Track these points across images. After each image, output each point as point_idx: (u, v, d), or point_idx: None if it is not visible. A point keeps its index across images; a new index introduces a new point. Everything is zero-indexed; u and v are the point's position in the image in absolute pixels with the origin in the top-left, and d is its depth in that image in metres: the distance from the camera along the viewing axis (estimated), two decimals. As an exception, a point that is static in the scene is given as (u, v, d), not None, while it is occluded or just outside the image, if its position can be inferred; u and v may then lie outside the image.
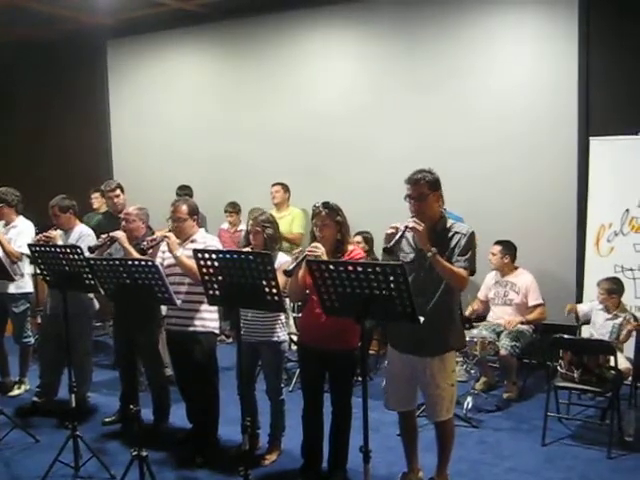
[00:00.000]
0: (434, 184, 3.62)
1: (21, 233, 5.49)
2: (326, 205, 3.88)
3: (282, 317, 4.34)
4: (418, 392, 3.86)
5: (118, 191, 6.19)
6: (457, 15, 6.56)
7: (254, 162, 7.69)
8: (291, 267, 3.59)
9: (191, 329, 4.40)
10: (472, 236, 3.62)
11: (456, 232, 3.61)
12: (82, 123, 9.08)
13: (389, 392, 3.90)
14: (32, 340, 5.76)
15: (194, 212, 4.50)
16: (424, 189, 3.59)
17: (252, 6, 7.53)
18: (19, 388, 5.80)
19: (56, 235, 5.01)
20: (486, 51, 6.51)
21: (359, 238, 6.02)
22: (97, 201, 7.47)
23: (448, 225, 3.65)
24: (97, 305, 5.36)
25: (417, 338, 3.57)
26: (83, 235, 5.15)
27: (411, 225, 3.47)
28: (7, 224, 5.58)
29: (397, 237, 3.44)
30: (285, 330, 4.39)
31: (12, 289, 5.50)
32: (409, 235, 3.64)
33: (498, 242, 5.83)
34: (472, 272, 3.66)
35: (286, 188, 7.10)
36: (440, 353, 3.66)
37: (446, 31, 6.62)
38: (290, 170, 7.32)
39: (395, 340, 3.82)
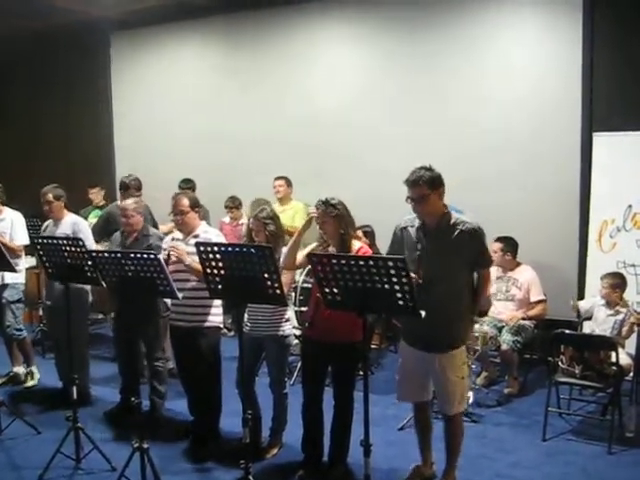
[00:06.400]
0: (434, 182, 3.54)
1: (14, 225, 5.44)
2: (324, 202, 3.87)
3: (288, 312, 4.34)
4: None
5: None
6: (459, 15, 6.54)
7: (256, 157, 7.67)
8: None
9: (196, 324, 4.40)
10: (482, 233, 3.63)
11: (462, 230, 3.57)
12: (84, 116, 9.08)
13: (403, 386, 3.92)
14: (25, 333, 5.64)
15: (195, 204, 4.49)
16: (424, 190, 3.52)
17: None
18: (32, 379, 5.75)
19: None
20: (489, 47, 6.49)
21: (359, 233, 5.99)
22: (96, 195, 7.83)
23: (452, 221, 3.60)
24: (91, 298, 5.37)
25: (427, 334, 3.58)
26: (78, 224, 5.15)
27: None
28: None
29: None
30: (290, 324, 4.38)
31: (6, 279, 5.44)
32: (412, 231, 3.67)
33: (498, 239, 5.76)
34: (492, 262, 3.96)
35: (289, 182, 7.09)
36: (449, 350, 3.66)
37: (448, 32, 6.61)
38: (293, 165, 7.31)
39: (408, 336, 3.83)
